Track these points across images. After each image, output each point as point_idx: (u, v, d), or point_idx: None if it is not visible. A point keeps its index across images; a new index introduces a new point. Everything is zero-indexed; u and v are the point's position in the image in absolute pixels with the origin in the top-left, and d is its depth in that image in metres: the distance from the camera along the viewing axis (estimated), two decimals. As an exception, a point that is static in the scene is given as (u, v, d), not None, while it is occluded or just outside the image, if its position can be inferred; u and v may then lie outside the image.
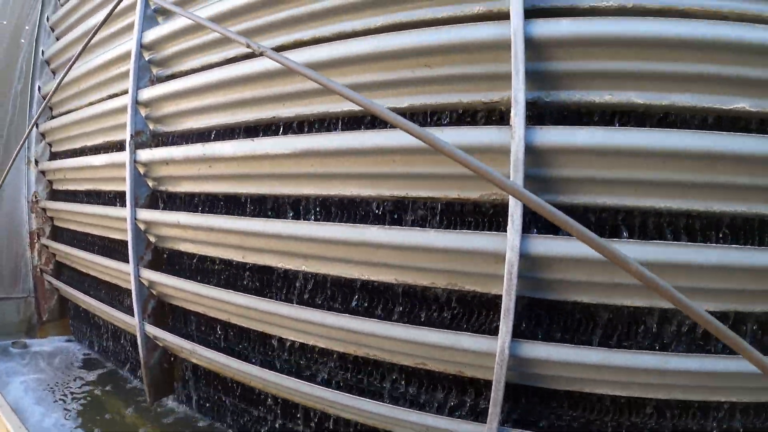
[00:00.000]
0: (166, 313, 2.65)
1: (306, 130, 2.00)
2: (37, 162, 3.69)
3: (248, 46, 1.30)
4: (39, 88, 3.67)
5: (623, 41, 1.43)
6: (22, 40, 3.67)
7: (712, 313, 0.92)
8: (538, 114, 1.56)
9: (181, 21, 2.27)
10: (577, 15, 1.52)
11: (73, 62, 2.34)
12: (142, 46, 2.46)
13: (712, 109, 1.44)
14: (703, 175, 1.39)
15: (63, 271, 3.70)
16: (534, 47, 1.47)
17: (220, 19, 2.14)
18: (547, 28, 1.47)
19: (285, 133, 2.04)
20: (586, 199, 1.48)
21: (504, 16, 1.51)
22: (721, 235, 1.49)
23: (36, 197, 3.72)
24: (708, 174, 1.38)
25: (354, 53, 1.77)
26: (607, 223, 1.54)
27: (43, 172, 3.68)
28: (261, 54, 1.26)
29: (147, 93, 2.42)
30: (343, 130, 1.90)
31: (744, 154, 1.35)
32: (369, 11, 1.83)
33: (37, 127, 3.62)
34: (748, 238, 1.48)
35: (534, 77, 1.50)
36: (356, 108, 1.78)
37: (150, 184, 2.52)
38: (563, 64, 1.49)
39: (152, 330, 2.50)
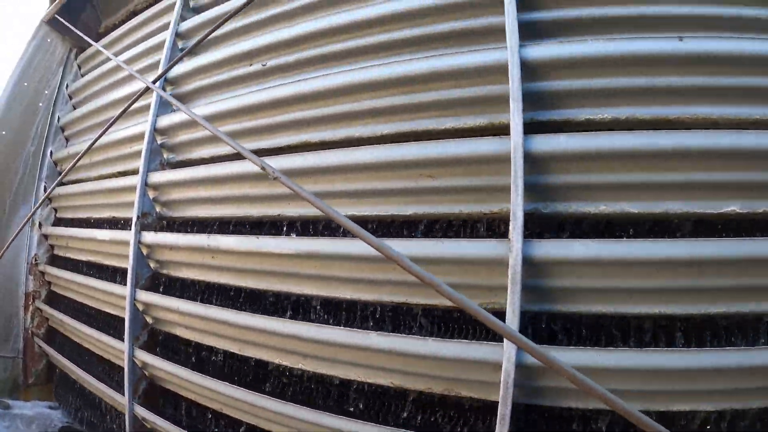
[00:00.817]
0: (157, 395, 2.60)
1: (310, 230, 2.03)
2: (40, 225, 3.71)
3: (263, 169, 1.35)
4: (51, 153, 3.75)
5: (617, 154, 1.50)
6: (41, 104, 3.78)
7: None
8: (537, 223, 1.61)
9: (192, 110, 2.35)
10: (574, 127, 1.62)
11: (86, 151, 2.38)
12: (155, 130, 2.54)
13: (704, 214, 1.48)
14: (697, 280, 1.41)
15: (55, 336, 3.66)
16: (533, 161, 1.54)
17: (231, 115, 2.24)
18: (545, 143, 1.55)
19: (289, 231, 2.08)
20: (582, 307, 1.51)
21: (504, 128, 1.60)
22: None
23: (36, 260, 3.72)
24: (701, 279, 1.41)
25: (360, 161, 1.84)
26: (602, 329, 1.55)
27: (45, 236, 3.71)
28: (275, 179, 1.30)
29: (157, 177, 2.47)
30: (345, 235, 1.93)
31: (731, 257, 1.38)
32: (376, 119, 1.91)
33: (45, 190, 3.67)
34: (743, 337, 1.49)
35: (533, 189, 1.56)
36: (358, 213, 1.84)
37: (152, 265, 2.53)
38: (561, 177, 1.56)
39: (142, 411, 2.45)
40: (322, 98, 1.99)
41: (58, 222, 3.69)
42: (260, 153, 2.14)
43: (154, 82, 2.11)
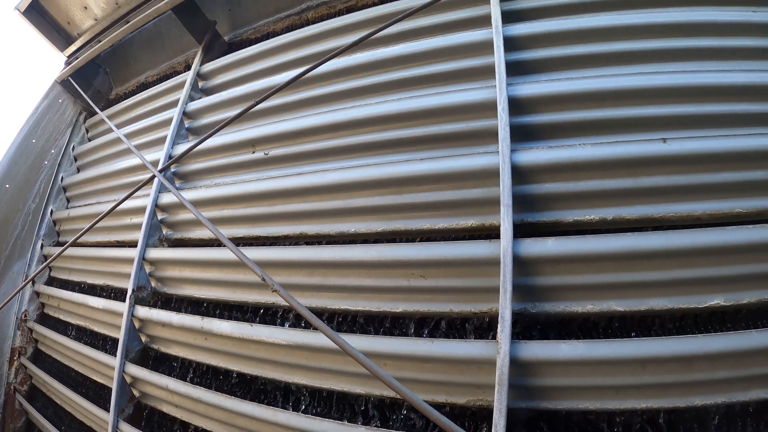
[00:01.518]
0: (137, 472, 2.56)
1: (302, 322, 2.07)
2: (34, 282, 3.72)
3: (263, 280, 1.40)
4: (51, 211, 3.81)
5: (604, 256, 1.55)
6: (46, 162, 3.86)
7: None
8: (525, 323, 1.65)
9: (194, 193, 2.43)
10: (562, 229, 1.70)
11: (85, 231, 2.43)
12: (156, 206, 2.60)
13: (688, 309, 1.52)
14: (683, 375, 1.43)
15: (37, 396, 3.60)
16: (522, 264, 1.60)
17: (231, 201, 2.31)
18: (534, 247, 1.60)
19: (283, 321, 2.11)
20: (568, 404, 1.51)
21: (495, 229, 1.66)
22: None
23: (26, 316, 3.71)
24: (686, 374, 1.43)
25: (354, 259, 1.89)
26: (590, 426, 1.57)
27: (37, 293, 3.71)
28: (274, 291, 1.35)
29: (155, 253, 2.52)
30: (337, 327, 1.97)
31: (718, 351, 1.40)
32: (371, 216, 1.98)
33: (42, 248, 3.70)
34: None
35: (521, 290, 1.61)
36: (351, 308, 1.89)
37: (143, 339, 2.55)
38: (549, 279, 1.61)
39: (123, 487, 2.41)
40: (320, 193, 2.08)
41: (52, 281, 3.70)
42: (257, 240, 2.23)
43: (160, 171, 2.18)
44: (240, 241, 2.30)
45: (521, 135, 1.82)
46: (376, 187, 1.97)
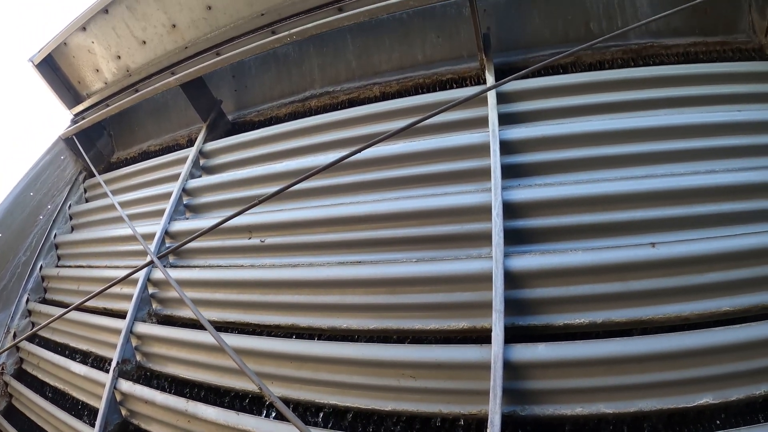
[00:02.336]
0: None
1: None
2: (15, 335, 3.68)
3: (260, 389, 1.43)
4: (41, 267, 3.80)
5: (593, 361, 1.59)
6: (41, 217, 3.88)
7: None
8: (515, 425, 1.65)
9: (187, 272, 2.47)
10: (552, 332, 1.73)
11: (81, 303, 2.43)
12: (148, 280, 2.63)
13: (678, 408, 1.53)
14: None
15: (5, 452, 3.51)
16: (512, 369, 1.63)
17: (225, 285, 2.35)
18: (524, 353, 1.64)
19: (269, 410, 2.11)
20: None
21: (486, 332, 1.69)
22: None
23: (3, 368, 3.64)
24: None
25: (346, 356, 1.92)
26: None
27: (17, 348, 3.66)
28: (269, 403, 1.37)
29: (143, 327, 2.52)
30: (324, 422, 1.97)
31: None
32: (363, 314, 2.02)
33: (27, 302, 3.67)
34: None
35: (511, 394, 1.63)
36: (340, 403, 1.91)
37: (123, 413, 2.51)
38: (539, 383, 1.63)
39: None
40: (314, 287, 2.12)
41: (33, 337, 3.66)
42: (247, 327, 2.26)
43: (159, 257, 2.23)
44: (230, 326, 2.32)
45: (514, 238, 1.89)
46: (369, 285, 2.01)
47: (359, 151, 1.77)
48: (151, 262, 2.33)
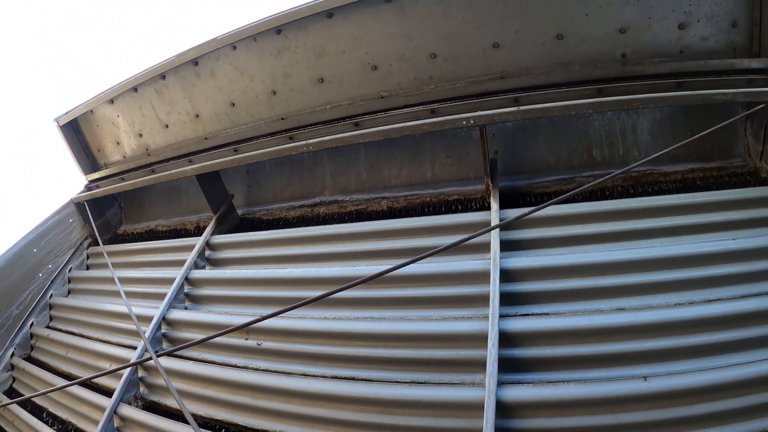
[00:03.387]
0: None
1: None
2: (-8, 389, 3.67)
3: None
4: (32, 324, 3.81)
5: None
6: (40, 275, 3.92)
7: None
8: None
9: (180, 363, 2.53)
10: None
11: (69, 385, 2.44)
12: (139, 364, 2.68)
13: None
14: None
15: None
16: None
17: (218, 383, 2.38)
18: None
19: None
20: None
21: None
22: None
23: (-28, 416, 3.61)
24: None
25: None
26: None
27: (-6, 404, 3.64)
28: None
29: (127, 410, 2.46)
30: None
31: None
32: (355, 430, 2.04)
33: (12, 356, 3.68)
34: None
35: None
36: None
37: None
38: None
39: None
40: (306, 399, 2.15)
41: (11, 392, 3.65)
42: (235, 427, 2.30)
43: (157, 354, 2.30)
44: (217, 424, 2.33)
45: (509, 367, 1.94)
46: (361, 404, 2.04)
47: (366, 280, 1.88)
48: (149, 341, 2.41)
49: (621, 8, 2.56)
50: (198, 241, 3.18)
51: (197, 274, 3.00)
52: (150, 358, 2.31)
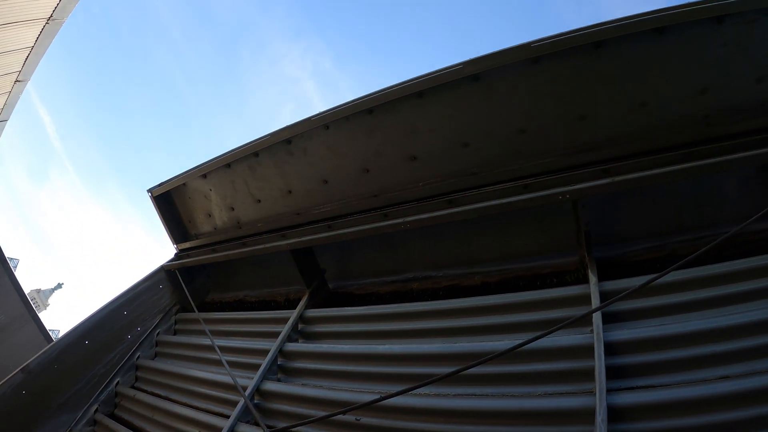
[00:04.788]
0: None
1: None
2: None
3: None
4: (117, 382, 3.92)
5: None
6: (128, 336, 4.08)
7: None
8: None
9: None
10: None
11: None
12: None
13: None
14: None
15: None
16: None
17: None
18: None
19: None
20: None
21: None
22: None
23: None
24: None
25: None
26: None
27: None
28: None
29: None
30: None
31: None
32: None
33: (97, 412, 3.75)
34: None
35: None
36: None
37: None
38: None
39: None
40: None
41: None
42: None
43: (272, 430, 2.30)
44: None
45: None
46: None
47: (493, 358, 1.88)
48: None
49: (699, 70, 2.58)
50: (292, 314, 3.25)
51: (291, 347, 3.05)
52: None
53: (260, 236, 3.72)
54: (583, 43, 2.69)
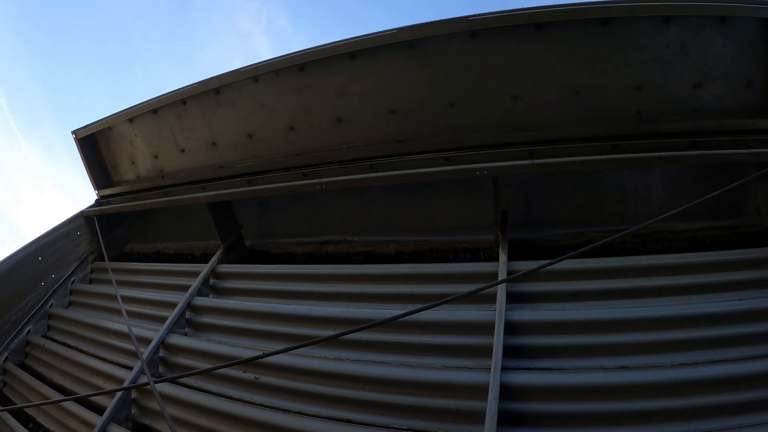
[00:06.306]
0: None
1: None
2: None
3: None
4: (29, 331, 3.79)
5: None
6: (43, 283, 3.92)
7: None
8: None
9: (174, 389, 2.50)
10: None
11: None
12: (133, 384, 2.65)
13: None
14: None
15: None
16: None
17: (208, 412, 2.34)
18: None
19: None
20: None
21: None
22: None
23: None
24: None
25: None
26: None
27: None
28: None
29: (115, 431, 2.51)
30: None
31: None
32: None
33: (5, 362, 3.64)
34: None
35: None
36: None
37: None
38: None
39: None
40: None
41: (1, 397, 3.60)
42: None
43: (156, 381, 2.27)
44: None
45: (508, 420, 1.92)
46: None
47: (376, 325, 1.89)
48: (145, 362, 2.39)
49: (638, 67, 2.63)
50: (204, 268, 3.19)
51: (200, 301, 3.01)
52: (147, 383, 2.29)
53: (182, 187, 3.62)
54: (524, 23, 2.68)
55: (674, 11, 2.51)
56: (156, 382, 2.26)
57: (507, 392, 1.98)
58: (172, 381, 2.51)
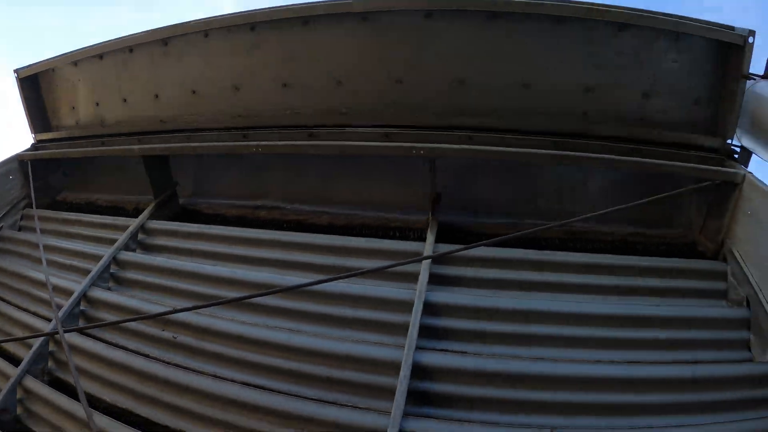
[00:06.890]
0: None
1: None
2: None
3: None
4: None
5: None
6: None
7: None
8: None
9: (92, 344, 2.48)
10: None
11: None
12: (51, 337, 2.61)
13: None
14: None
15: None
16: None
17: (122, 368, 2.35)
18: None
19: None
20: None
21: None
22: None
23: None
24: None
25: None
26: None
27: None
28: None
29: (31, 383, 2.40)
30: None
31: None
32: None
33: None
34: None
35: None
36: None
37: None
38: None
39: None
40: (213, 400, 2.13)
41: None
42: (137, 420, 2.23)
43: (65, 330, 2.23)
44: (119, 413, 2.27)
45: (417, 400, 1.98)
46: (266, 414, 2.04)
47: (286, 290, 1.90)
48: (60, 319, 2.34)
49: (590, 69, 2.68)
50: (133, 223, 3.13)
51: (126, 256, 2.96)
52: (57, 332, 2.26)
53: (120, 137, 3.53)
54: (480, 9, 2.69)
55: (630, 20, 2.56)
56: (65, 332, 2.23)
57: (419, 371, 2.03)
58: (81, 331, 2.48)
